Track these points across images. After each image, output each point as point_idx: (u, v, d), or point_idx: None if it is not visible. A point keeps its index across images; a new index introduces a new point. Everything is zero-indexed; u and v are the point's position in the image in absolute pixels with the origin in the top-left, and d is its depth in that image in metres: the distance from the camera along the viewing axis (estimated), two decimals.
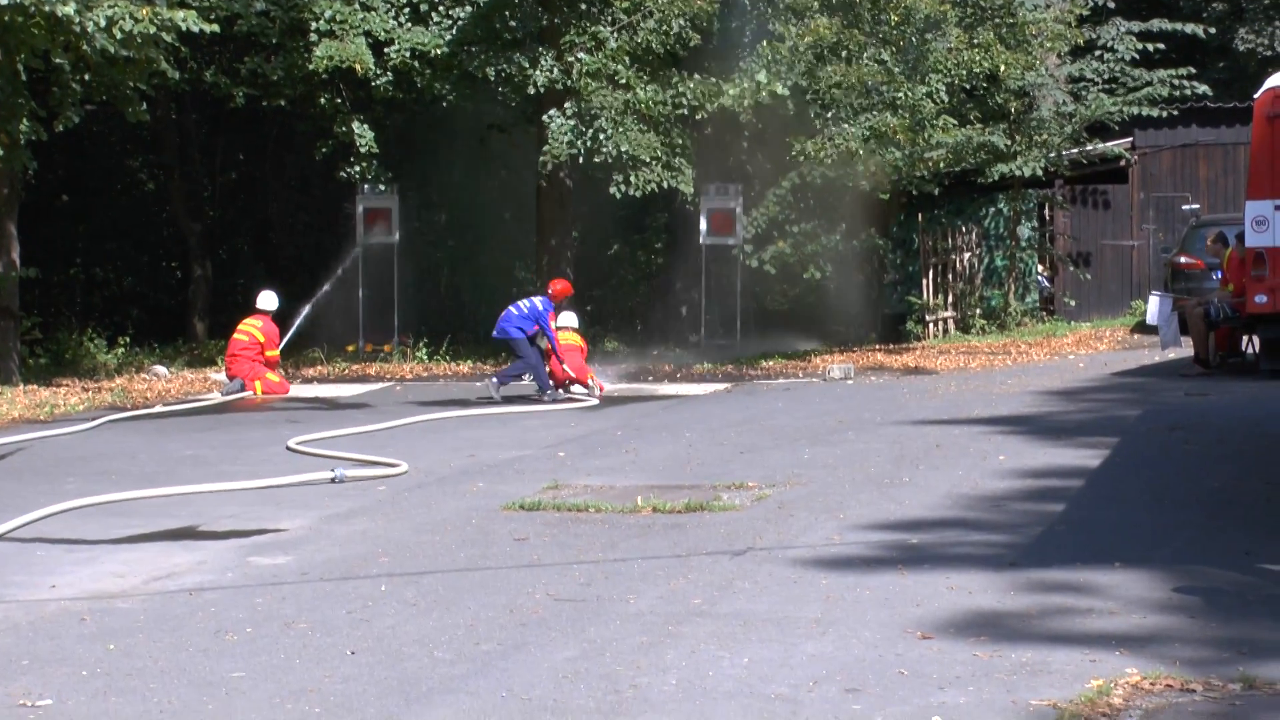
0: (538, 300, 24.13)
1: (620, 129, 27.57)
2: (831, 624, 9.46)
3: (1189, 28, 39.61)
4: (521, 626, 9.60)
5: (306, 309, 30.28)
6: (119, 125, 31.04)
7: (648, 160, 27.75)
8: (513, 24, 28.85)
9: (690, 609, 9.96)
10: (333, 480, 15.30)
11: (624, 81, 27.70)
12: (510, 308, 24.01)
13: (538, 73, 28.14)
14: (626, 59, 28.07)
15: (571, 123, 27.98)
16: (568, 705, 7.99)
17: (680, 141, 28.76)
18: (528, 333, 23.56)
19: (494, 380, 23.72)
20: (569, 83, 28.16)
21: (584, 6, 29.05)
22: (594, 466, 16.41)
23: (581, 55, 28.10)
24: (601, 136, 27.70)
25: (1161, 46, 38.69)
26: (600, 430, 19.87)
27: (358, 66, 27.99)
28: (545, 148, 28.25)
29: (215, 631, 9.62)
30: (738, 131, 31.86)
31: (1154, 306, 26.25)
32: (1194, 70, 37.63)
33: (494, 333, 23.88)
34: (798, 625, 9.45)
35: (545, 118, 28.37)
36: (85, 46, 23.90)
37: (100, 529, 13.10)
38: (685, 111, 28.53)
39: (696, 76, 28.85)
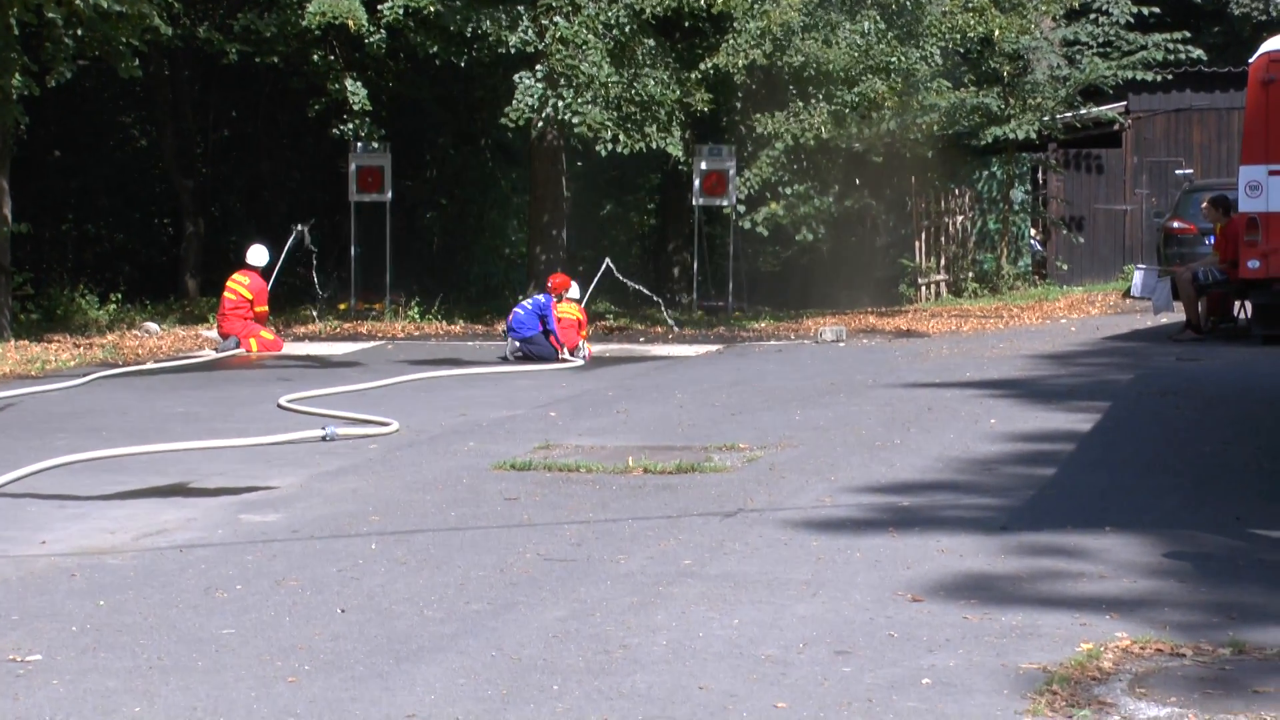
0: (540, 297, 24.24)
1: (579, 101, 27.52)
2: (822, 586, 9.46)
3: None
4: (512, 586, 9.60)
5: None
6: (111, 81, 30.94)
7: (597, 135, 27.73)
8: None
9: (680, 570, 9.96)
10: (324, 439, 15.29)
11: (592, 52, 27.54)
12: (516, 309, 24.09)
13: (513, 35, 28.06)
14: (600, 28, 27.91)
15: (540, 86, 27.92)
16: (558, 665, 7.99)
17: (653, 115, 28.64)
18: (537, 331, 23.65)
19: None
20: (541, 45, 28.07)
21: None
22: (585, 427, 16.41)
23: (557, 19, 27.99)
24: (560, 104, 27.67)
25: (1156, 10, 38.64)
26: (592, 391, 19.86)
27: (351, 23, 27.88)
28: (507, 108, 28.18)
29: (205, 588, 9.61)
30: (731, 92, 31.79)
31: (1138, 279, 26.27)
32: (1189, 35, 37.58)
33: (508, 334, 23.87)
34: (788, 587, 9.45)
35: (516, 77, 28.31)
36: (78, 1, 23.81)
37: (91, 485, 13.09)
38: (644, 99, 28.37)
39: (662, 69, 28.69)
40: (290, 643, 8.42)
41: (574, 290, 24.90)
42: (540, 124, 28.27)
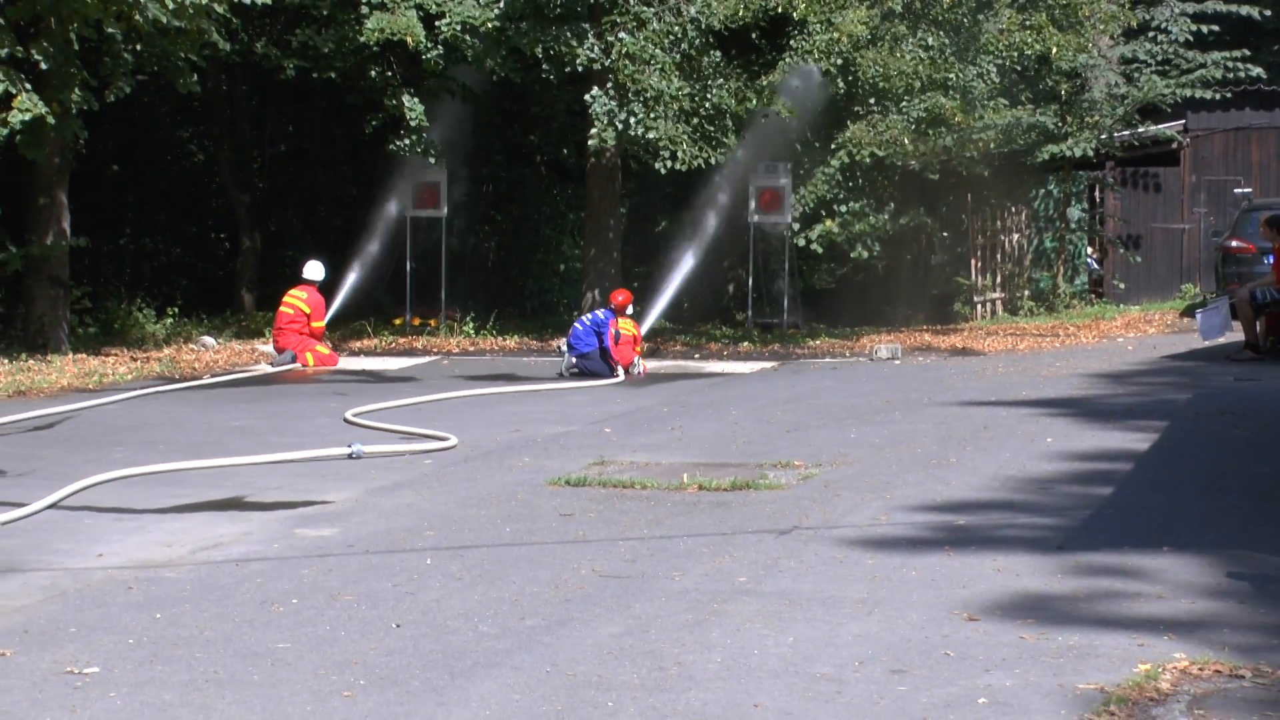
0: (600, 312, 24.29)
1: (651, 115, 27.56)
2: (877, 604, 9.43)
3: (1244, 9, 39.38)
4: (566, 602, 9.60)
5: (349, 281, 30.43)
6: (170, 96, 31.14)
7: (674, 149, 27.77)
8: (560, 2, 28.79)
9: (735, 587, 9.94)
10: (350, 456, 15.26)
11: (659, 67, 27.60)
12: (575, 324, 24.15)
13: (581, 50, 28.10)
14: (666, 42, 27.96)
15: (611, 103, 27.94)
16: (612, 681, 7.99)
17: (723, 125, 28.69)
18: (594, 348, 23.67)
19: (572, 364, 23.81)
20: (607, 63, 28.11)
21: None
22: (640, 443, 16.41)
23: (623, 35, 28.03)
24: (633, 120, 27.70)
25: (1216, 28, 38.47)
26: (646, 407, 19.86)
27: (409, 39, 27.94)
28: (592, 130, 28.22)
29: (261, 602, 9.64)
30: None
31: (1202, 321, 26.04)
32: (1248, 53, 37.42)
33: (566, 349, 23.91)
34: (843, 605, 9.43)
35: (588, 97, 28.32)
36: (137, 16, 23.95)
37: (148, 498, 13.15)
38: (713, 110, 28.42)
39: (731, 79, 28.73)
40: (345, 657, 8.43)
41: (630, 307, 24.91)
42: (610, 140, 28.23)
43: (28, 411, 18.80)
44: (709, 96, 28.43)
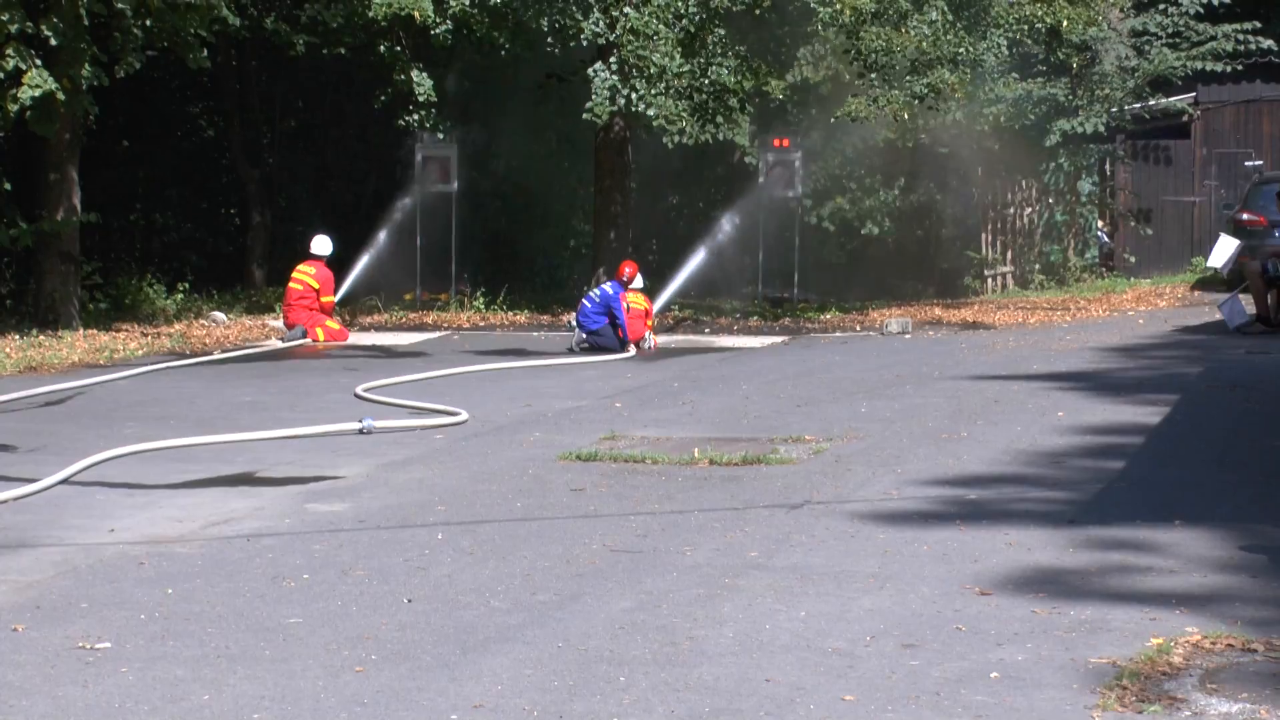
0: (607, 286, 24.21)
1: (652, 91, 27.52)
2: (889, 579, 9.43)
3: None
4: (578, 577, 9.60)
5: (364, 260, 30.42)
6: (179, 71, 31.11)
7: (673, 125, 27.75)
8: None
9: (747, 562, 9.94)
10: (360, 431, 15.26)
11: (663, 42, 27.54)
12: (584, 300, 24.12)
13: (586, 24, 28.03)
14: (669, 16, 27.88)
15: (614, 78, 27.89)
16: (624, 656, 7.98)
17: (725, 102, 28.63)
18: (604, 323, 23.64)
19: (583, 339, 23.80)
20: (612, 37, 28.05)
21: None
22: (651, 418, 16.41)
23: (627, 10, 27.97)
24: (634, 96, 27.67)
25: (1226, 0, 38.31)
26: (657, 382, 19.85)
27: (417, 14, 27.88)
28: (588, 103, 28.17)
29: (273, 577, 9.65)
30: (797, 86, 31.71)
31: (1220, 247, 25.98)
32: (1259, 25, 37.20)
33: (576, 325, 23.90)
34: (855, 580, 9.42)
35: (590, 71, 28.27)
36: None
37: (159, 474, 13.17)
38: (716, 88, 28.34)
39: (731, 57, 28.65)
40: (357, 632, 8.44)
41: (639, 282, 24.84)
42: (612, 116, 28.22)
43: (39, 387, 18.83)
44: (709, 74, 28.33)
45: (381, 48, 29.47)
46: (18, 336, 23.86)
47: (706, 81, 28.29)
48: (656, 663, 7.89)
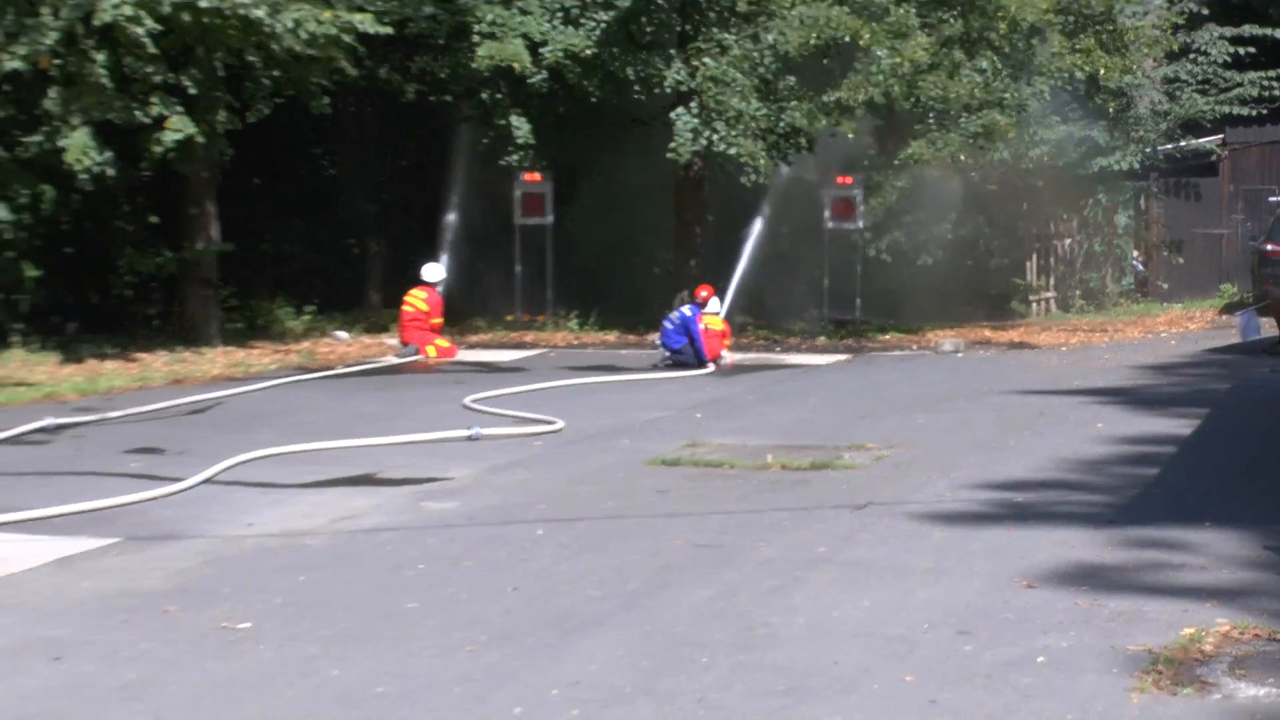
0: (686, 309, 24.23)
1: (733, 133, 27.61)
2: (944, 573, 9.43)
3: (1278, 32, 38.85)
4: (664, 569, 9.65)
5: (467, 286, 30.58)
6: (304, 117, 31.21)
7: (754, 164, 27.86)
8: (649, 29, 28.82)
9: (815, 557, 9.96)
10: (469, 438, 15.32)
11: (739, 89, 27.64)
12: (665, 322, 24.15)
13: (669, 73, 28.14)
14: (745, 66, 27.98)
15: (695, 121, 27.97)
16: (706, 640, 8.03)
17: (797, 142, 28.72)
18: (683, 343, 23.66)
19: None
20: (693, 85, 28.14)
21: (712, 15, 29.03)
22: (728, 427, 16.42)
23: (706, 60, 28.05)
24: (715, 137, 27.75)
25: (1252, 50, 37.95)
26: (733, 395, 19.87)
27: (516, 65, 27.99)
28: (671, 144, 28.23)
29: (392, 567, 9.74)
30: (861, 125, 31.61)
31: (1242, 325, 25.81)
32: None
33: (660, 344, 23.95)
34: (913, 573, 9.43)
35: (672, 115, 28.33)
36: (274, 46, 24.10)
37: (290, 474, 13.28)
38: (788, 128, 28.44)
39: (804, 100, 28.70)
40: (467, 616, 8.51)
41: (714, 304, 24.83)
42: (693, 155, 28.32)
43: (184, 398, 19.00)
44: (784, 117, 28.40)
45: (484, 95, 29.62)
46: (165, 353, 24.07)
47: (782, 123, 28.33)
48: (735, 646, 7.93)
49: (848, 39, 28.29)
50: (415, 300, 25.99)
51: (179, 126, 23.80)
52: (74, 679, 7.42)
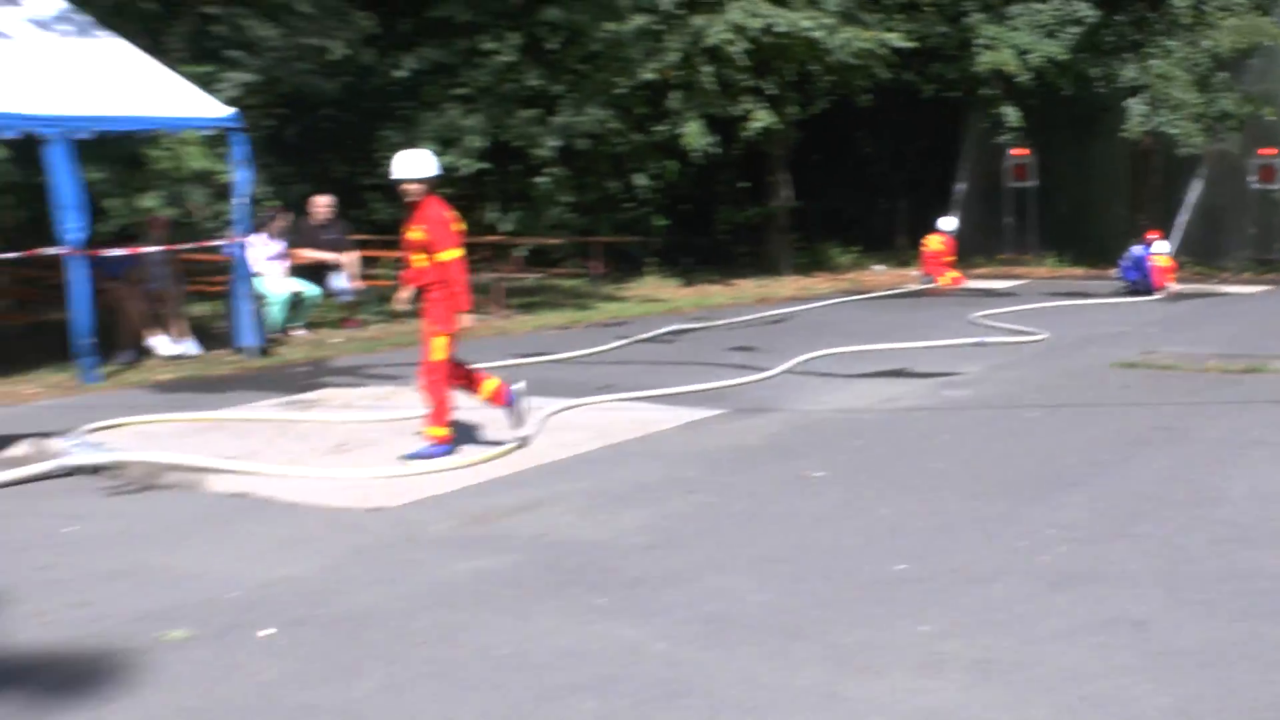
0: (1138, 248, 22.95)
1: (1174, 117, 26.12)
2: None
3: None
4: (1128, 444, 9.23)
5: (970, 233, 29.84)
6: (850, 109, 31.11)
7: (1189, 141, 26.24)
8: (1110, 39, 27.54)
9: (1251, 438, 9.32)
10: (976, 344, 14.94)
11: (1180, 84, 26.12)
12: (1121, 260, 22.99)
13: (1124, 72, 26.78)
14: (1186, 65, 26.43)
15: (1145, 109, 26.54)
16: (1166, 499, 7.66)
17: (1227, 123, 26.86)
18: (1137, 275, 22.47)
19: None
20: (1144, 81, 26.69)
21: (1159, 26, 27.44)
22: (1174, 339, 15.50)
23: (1154, 61, 26.56)
24: (1160, 122, 26.20)
25: None
26: (1177, 315, 18.73)
27: (1008, 68, 27.35)
28: (1124, 125, 26.85)
29: (922, 436, 9.69)
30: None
31: None
32: None
33: (1119, 276, 22.84)
34: None
35: (1125, 103, 26.94)
36: (829, 58, 24.17)
37: (845, 367, 13.36)
38: (1219, 114, 26.58)
39: (1234, 90, 26.76)
40: (979, 474, 8.38)
41: (1162, 245, 23.36)
42: (1143, 135, 26.89)
43: (767, 311, 19.39)
44: (1216, 104, 26.64)
45: (984, 91, 28.83)
46: (753, 280, 24.65)
47: (1214, 109, 26.58)
48: (1188, 504, 7.53)
49: (1269, 43, 26.30)
50: (934, 242, 25.62)
51: (762, 118, 24.24)
52: (701, 506, 7.72)
